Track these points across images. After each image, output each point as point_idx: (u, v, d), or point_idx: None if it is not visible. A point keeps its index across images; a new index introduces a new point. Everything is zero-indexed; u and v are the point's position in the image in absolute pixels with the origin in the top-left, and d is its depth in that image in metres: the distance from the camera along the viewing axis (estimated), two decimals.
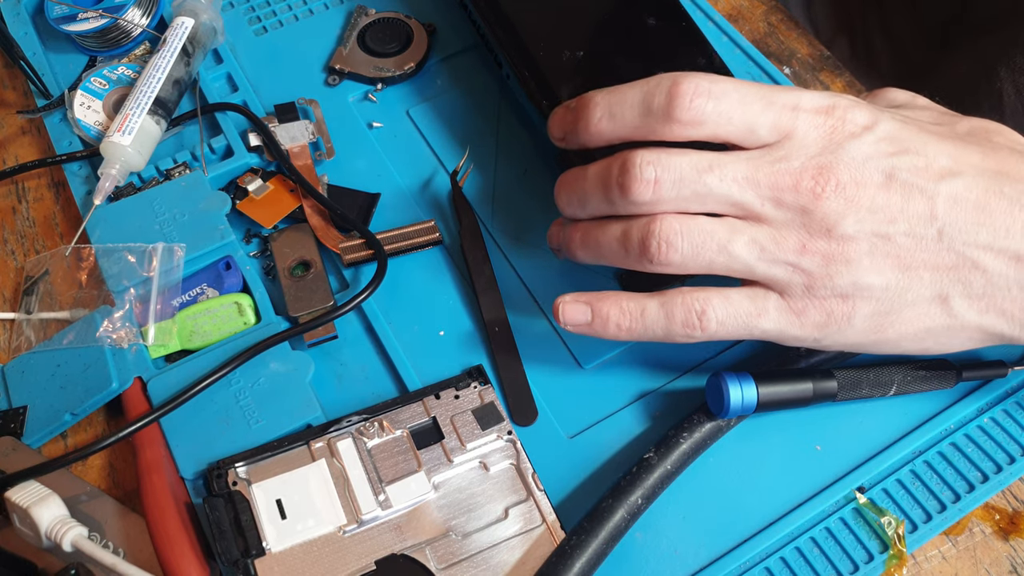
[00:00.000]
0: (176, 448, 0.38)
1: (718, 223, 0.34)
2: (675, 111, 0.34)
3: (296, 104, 0.50)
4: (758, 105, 0.34)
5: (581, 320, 0.37)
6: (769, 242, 0.34)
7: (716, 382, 0.37)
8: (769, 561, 0.36)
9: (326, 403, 0.40)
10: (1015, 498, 0.38)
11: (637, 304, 0.36)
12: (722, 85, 0.34)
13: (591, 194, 0.37)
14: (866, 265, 0.34)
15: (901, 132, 0.35)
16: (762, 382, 0.37)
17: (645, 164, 0.34)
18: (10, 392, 0.41)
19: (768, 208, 0.34)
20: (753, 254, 0.34)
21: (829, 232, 0.33)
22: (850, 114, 0.34)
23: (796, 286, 0.34)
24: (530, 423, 0.40)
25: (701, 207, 0.35)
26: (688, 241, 0.34)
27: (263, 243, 0.46)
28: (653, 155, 0.34)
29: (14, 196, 0.50)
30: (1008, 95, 0.58)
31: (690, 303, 0.35)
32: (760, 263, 0.34)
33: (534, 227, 0.46)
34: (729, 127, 0.34)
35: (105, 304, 0.42)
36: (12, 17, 0.54)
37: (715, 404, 0.37)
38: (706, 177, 0.34)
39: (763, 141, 0.35)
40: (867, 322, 0.34)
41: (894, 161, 0.34)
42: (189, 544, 0.35)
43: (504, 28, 0.46)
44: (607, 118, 0.36)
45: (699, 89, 0.34)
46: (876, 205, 0.33)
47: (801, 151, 0.34)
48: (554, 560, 0.34)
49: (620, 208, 0.36)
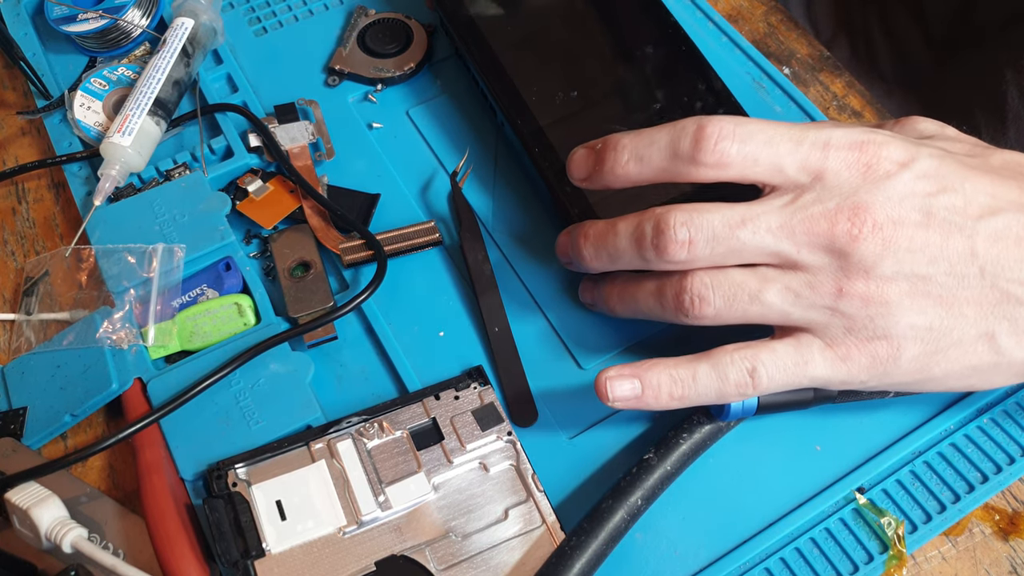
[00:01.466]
0: (176, 449, 0.38)
1: (749, 274, 0.34)
2: (700, 154, 0.34)
3: (296, 105, 0.50)
4: (786, 145, 0.34)
5: (630, 395, 0.36)
6: (804, 288, 0.34)
7: None
8: (769, 561, 0.36)
9: (326, 404, 0.40)
10: (1015, 498, 0.38)
11: (687, 370, 0.35)
12: (748, 127, 0.34)
13: (624, 251, 0.37)
14: (907, 305, 0.33)
15: (939, 169, 0.34)
16: None
17: (679, 225, 0.34)
18: (10, 393, 0.41)
19: (804, 255, 0.34)
20: (788, 301, 0.34)
21: (867, 274, 0.33)
22: (884, 151, 0.34)
23: (836, 329, 0.34)
24: (530, 424, 0.40)
25: (738, 260, 0.35)
26: (720, 294, 0.34)
27: (263, 244, 0.46)
28: (685, 215, 0.34)
29: (14, 197, 0.50)
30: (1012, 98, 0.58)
31: (740, 362, 0.35)
32: (796, 309, 0.34)
33: (534, 227, 0.46)
34: (756, 168, 0.34)
35: (105, 305, 0.42)
36: (12, 18, 0.54)
37: (715, 407, 0.37)
38: (739, 232, 0.34)
39: (793, 181, 0.34)
40: (913, 363, 0.34)
41: (932, 201, 0.33)
42: (189, 545, 0.35)
43: (496, 75, 0.47)
44: (634, 161, 0.36)
45: (723, 132, 0.34)
46: (915, 245, 0.33)
47: (835, 191, 0.34)
48: (554, 561, 0.34)
49: (654, 266, 0.36)
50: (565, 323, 0.43)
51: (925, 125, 0.39)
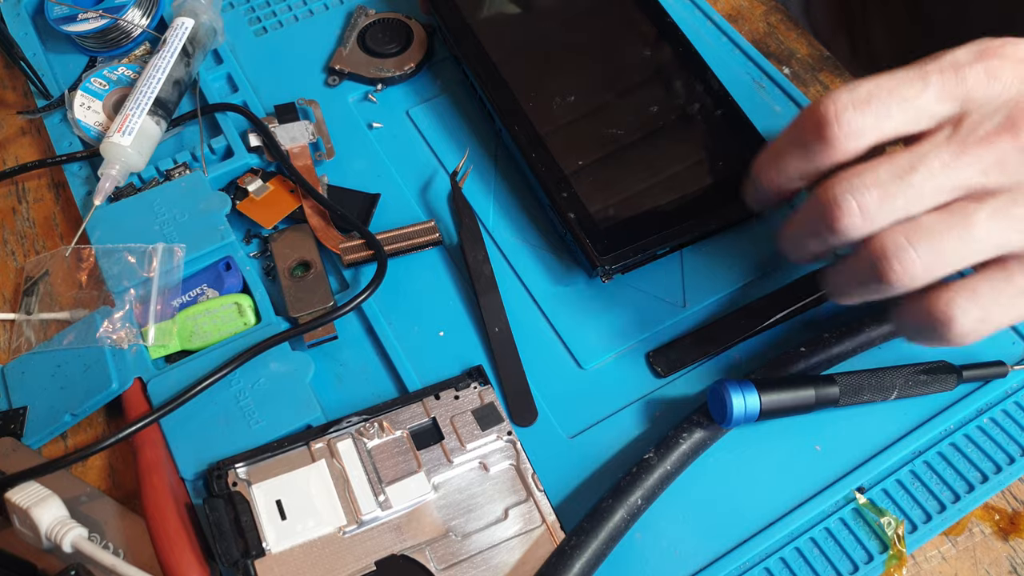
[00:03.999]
0: (176, 449, 0.38)
1: (946, 214, 0.31)
2: (828, 133, 0.32)
3: (296, 104, 0.50)
4: (913, 88, 0.32)
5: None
6: (1013, 206, 0.31)
7: (718, 390, 0.37)
8: (769, 561, 0.36)
9: (326, 403, 0.40)
10: (1015, 498, 0.38)
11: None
12: (863, 88, 0.32)
13: (808, 242, 0.34)
14: None
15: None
16: (764, 390, 0.36)
17: (841, 195, 0.32)
18: (10, 393, 0.41)
19: (994, 176, 0.31)
20: (1002, 228, 0.31)
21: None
22: (1010, 49, 0.32)
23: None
24: (530, 423, 0.40)
25: (922, 207, 0.31)
26: (923, 249, 0.31)
27: (263, 243, 0.46)
28: (844, 183, 0.32)
29: (14, 197, 0.50)
30: None
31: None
32: (1015, 233, 0.31)
33: (534, 227, 0.46)
34: (890, 122, 0.32)
35: (105, 305, 0.42)
36: (12, 17, 0.54)
37: (718, 412, 0.37)
38: (912, 178, 0.31)
39: (941, 116, 0.32)
40: None
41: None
42: (189, 545, 0.35)
43: (494, 81, 0.47)
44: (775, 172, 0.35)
45: (841, 104, 0.32)
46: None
47: (993, 105, 0.31)
48: (554, 560, 0.34)
49: (843, 244, 0.33)
50: (565, 323, 0.43)
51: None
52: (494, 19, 0.49)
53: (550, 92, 0.46)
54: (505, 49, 0.48)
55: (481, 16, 0.49)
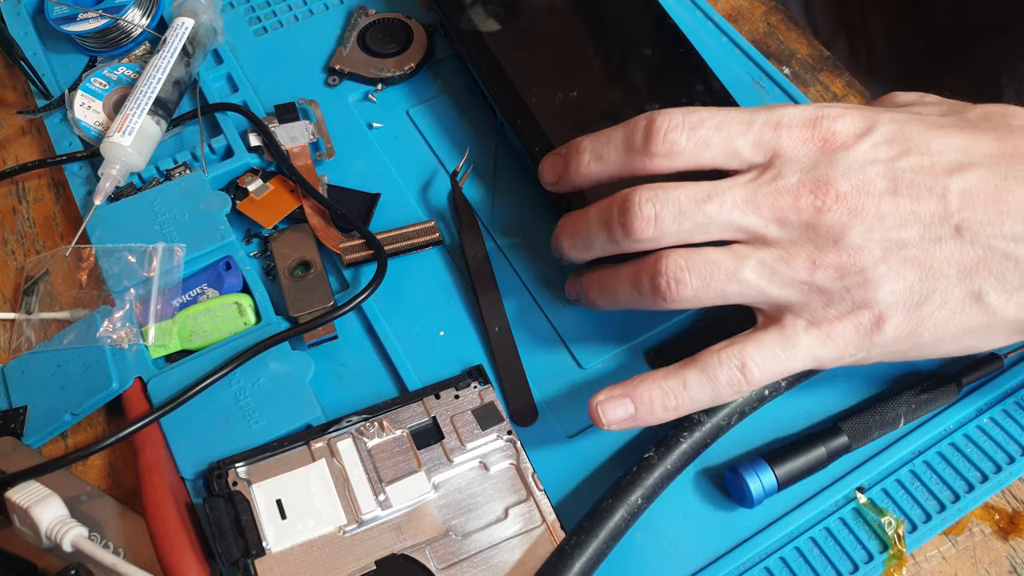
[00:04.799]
0: (176, 448, 0.38)
1: (724, 252, 0.34)
2: (652, 146, 0.35)
3: (296, 104, 0.50)
4: (736, 127, 0.35)
5: (625, 415, 0.35)
6: (778, 263, 0.33)
7: (734, 478, 0.37)
8: (769, 561, 0.36)
9: (326, 403, 0.40)
10: (1015, 498, 0.38)
11: (677, 379, 0.35)
12: (697, 115, 0.35)
13: (595, 235, 0.37)
14: (883, 272, 0.33)
15: (900, 132, 0.34)
16: (776, 463, 0.37)
17: (644, 201, 0.34)
18: (10, 392, 0.41)
19: (772, 229, 0.34)
20: (764, 277, 0.34)
21: (837, 244, 0.33)
22: (839, 124, 0.34)
23: (815, 305, 0.33)
24: (530, 423, 0.40)
25: (705, 237, 0.34)
26: (696, 274, 0.34)
27: (263, 243, 0.46)
28: (651, 192, 0.35)
29: (14, 196, 0.50)
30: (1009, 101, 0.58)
31: (727, 359, 0.34)
32: (772, 286, 0.34)
33: (534, 227, 0.46)
34: (708, 153, 0.35)
35: (105, 304, 0.42)
36: (12, 17, 0.54)
37: (738, 497, 0.37)
38: (705, 207, 0.34)
39: (750, 162, 0.35)
40: (899, 329, 0.33)
41: (896, 164, 0.33)
42: (189, 544, 0.35)
43: (496, 76, 0.47)
44: (594, 160, 0.37)
45: (672, 123, 0.35)
46: (883, 212, 0.33)
47: (794, 166, 0.34)
48: (554, 560, 0.34)
49: (625, 247, 0.36)
50: (565, 323, 0.43)
51: (903, 96, 0.39)
52: (496, 14, 0.49)
53: (552, 87, 0.45)
54: (507, 44, 0.48)
55: (482, 12, 0.49)
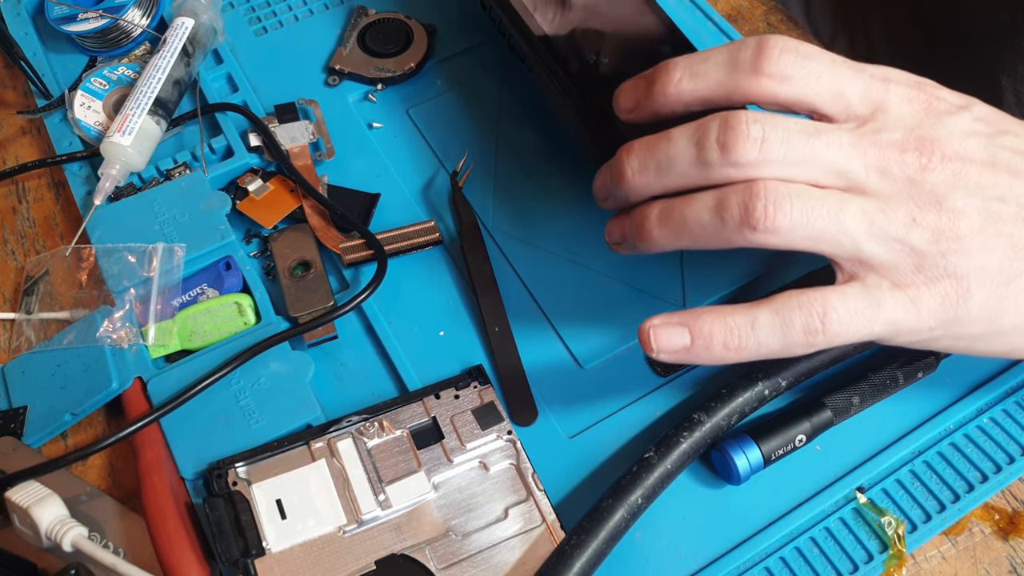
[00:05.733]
0: (176, 448, 0.38)
1: (825, 192, 0.32)
2: (763, 63, 0.33)
3: (296, 104, 0.50)
4: (848, 71, 0.33)
5: (679, 344, 0.33)
6: (878, 213, 0.32)
7: (721, 455, 0.37)
8: (769, 561, 0.36)
9: (326, 403, 0.40)
10: (1015, 498, 0.38)
11: (745, 317, 0.32)
12: (809, 47, 0.33)
13: (679, 157, 0.33)
14: (978, 243, 0.32)
15: (995, 115, 0.34)
16: (761, 439, 0.37)
17: (752, 121, 0.32)
18: (10, 392, 0.41)
19: (874, 178, 0.32)
20: (863, 226, 0.32)
21: (939, 205, 0.32)
22: (941, 92, 0.34)
23: (905, 267, 0.32)
24: (530, 423, 0.40)
25: (806, 174, 0.32)
26: (799, 205, 0.31)
27: (263, 243, 0.46)
28: (757, 114, 0.32)
29: (14, 196, 0.50)
30: (1009, 104, 0.58)
31: (809, 305, 0.32)
32: (869, 238, 0.32)
33: (534, 227, 0.46)
34: (818, 87, 0.33)
35: (105, 304, 0.42)
36: (12, 17, 0.54)
37: (725, 475, 0.37)
38: (814, 141, 0.32)
39: (854, 110, 0.33)
40: (982, 308, 0.32)
41: (995, 140, 0.33)
42: (189, 544, 0.35)
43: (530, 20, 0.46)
44: (688, 77, 0.34)
45: (787, 46, 0.33)
46: (984, 181, 0.32)
47: (899, 123, 0.33)
48: (554, 560, 0.34)
49: (715, 172, 0.33)
50: (565, 323, 0.43)
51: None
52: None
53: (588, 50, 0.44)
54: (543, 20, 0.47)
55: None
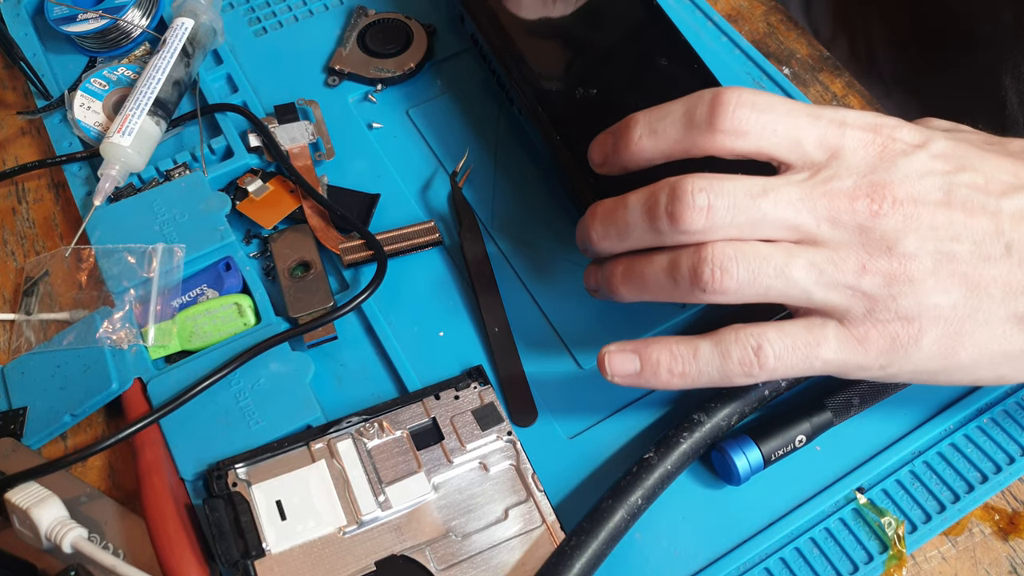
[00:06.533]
0: (176, 449, 0.38)
1: (773, 247, 0.33)
2: (718, 120, 0.33)
3: (296, 105, 0.50)
4: (804, 119, 0.33)
5: (631, 369, 0.35)
6: (827, 264, 0.32)
7: (720, 457, 0.37)
8: (769, 561, 0.36)
9: (326, 404, 0.40)
10: (1014, 498, 0.38)
11: (689, 347, 0.34)
12: (767, 98, 0.34)
13: (634, 224, 0.35)
14: (931, 284, 0.32)
15: (955, 149, 0.34)
16: (761, 440, 0.37)
17: (697, 191, 0.32)
18: (10, 393, 0.41)
19: (824, 229, 0.33)
20: (811, 277, 0.33)
21: (890, 250, 0.32)
22: (899, 132, 0.34)
23: (857, 311, 0.33)
24: (530, 424, 0.40)
25: (754, 234, 0.33)
26: (744, 266, 0.32)
27: (263, 244, 0.46)
28: (704, 181, 0.33)
29: (14, 197, 0.50)
30: (1012, 104, 0.58)
31: (745, 339, 0.33)
32: (818, 287, 0.33)
33: (534, 227, 0.46)
34: (774, 139, 0.33)
35: (105, 305, 0.42)
36: (12, 18, 0.54)
37: (725, 475, 0.37)
38: (760, 202, 0.33)
39: (810, 157, 0.33)
40: (935, 346, 0.33)
41: (952, 178, 0.33)
42: (189, 545, 0.35)
43: (516, 64, 0.46)
44: (648, 134, 0.35)
45: (742, 100, 0.33)
46: (937, 223, 0.32)
47: (852, 169, 0.33)
48: (554, 561, 0.34)
49: (667, 239, 0.34)
50: (565, 323, 0.43)
51: (939, 123, 0.39)
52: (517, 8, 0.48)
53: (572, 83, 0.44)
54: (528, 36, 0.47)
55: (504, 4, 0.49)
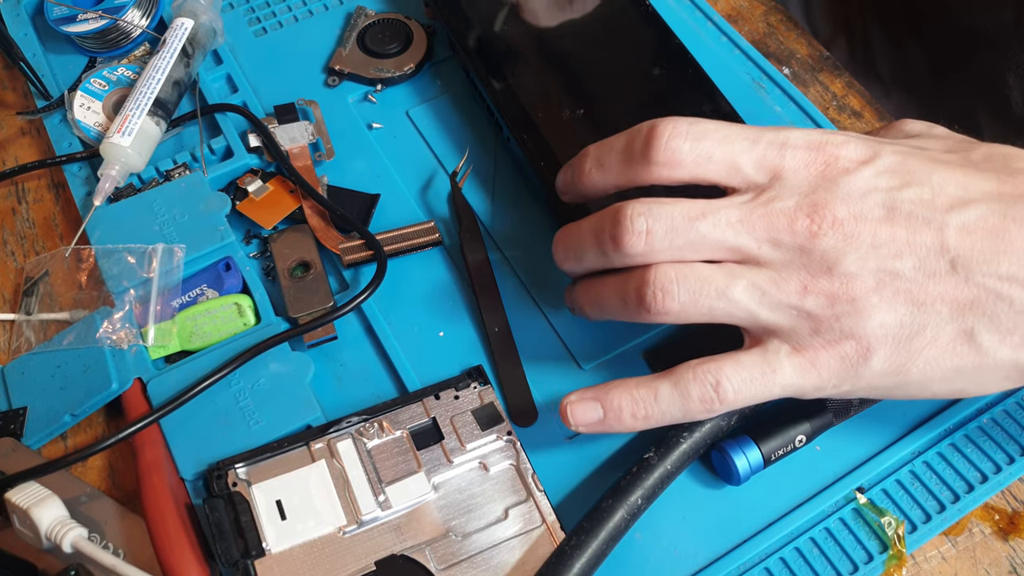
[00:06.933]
0: (176, 449, 0.38)
1: (716, 269, 0.33)
2: (652, 153, 0.34)
3: (296, 105, 0.50)
4: (741, 144, 0.34)
5: (594, 418, 0.35)
6: (769, 285, 0.33)
7: (720, 457, 0.37)
8: (769, 561, 0.36)
9: (326, 404, 0.40)
10: (1014, 498, 0.38)
11: (648, 389, 0.34)
12: (702, 126, 0.34)
13: (586, 248, 0.36)
14: (875, 303, 0.32)
15: (904, 164, 0.33)
16: (761, 440, 0.37)
17: (636, 216, 0.33)
18: (10, 393, 0.41)
19: (765, 250, 0.33)
20: (754, 298, 0.33)
21: (830, 270, 0.32)
22: (843, 150, 0.34)
23: (803, 331, 0.33)
24: (530, 423, 0.40)
25: (697, 255, 0.34)
26: (685, 288, 0.33)
27: (263, 244, 0.46)
28: (644, 206, 0.34)
29: (14, 197, 0.50)
30: (1016, 103, 0.58)
31: (702, 376, 0.33)
32: (762, 308, 0.33)
33: (534, 228, 0.46)
34: (710, 166, 0.34)
35: (105, 305, 0.42)
36: (12, 18, 0.54)
37: (725, 475, 0.37)
38: (699, 224, 0.33)
39: (751, 180, 0.34)
40: (886, 363, 0.32)
41: (896, 195, 0.32)
42: (189, 545, 0.35)
43: (504, 93, 0.46)
44: (596, 168, 0.37)
45: (676, 131, 0.34)
46: (879, 240, 0.32)
47: (793, 189, 0.33)
48: (554, 560, 0.34)
49: (615, 261, 0.35)
50: (565, 323, 0.43)
51: (912, 126, 0.38)
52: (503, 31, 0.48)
53: (559, 104, 0.45)
54: (514, 59, 0.47)
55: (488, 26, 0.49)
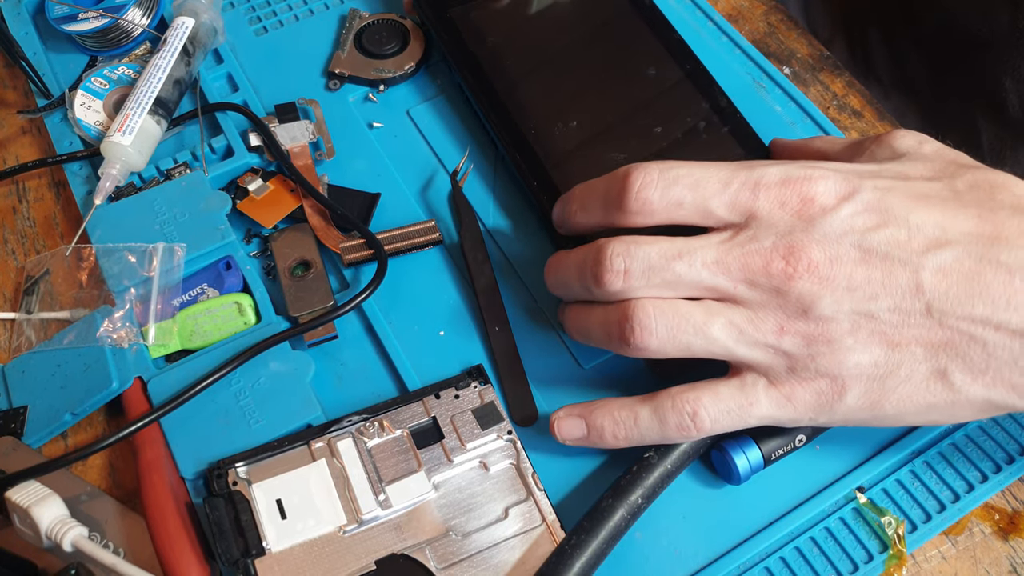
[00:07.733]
0: (176, 448, 0.38)
1: (695, 306, 0.34)
2: (625, 202, 0.35)
3: (296, 104, 0.50)
4: (713, 187, 0.34)
5: (579, 434, 0.37)
6: (746, 324, 0.33)
7: (721, 456, 0.37)
8: (769, 561, 0.36)
9: (326, 403, 0.40)
10: (1015, 498, 0.38)
11: (629, 412, 0.35)
12: (674, 171, 0.35)
13: (571, 281, 0.37)
14: (849, 344, 0.32)
15: (881, 202, 0.33)
16: (762, 440, 0.37)
17: (615, 255, 0.34)
18: (10, 392, 0.41)
19: (742, 290, 0.33)
20: (731, 336, 0.33)
21: (806, 313, 0.32)
22: (820, 186, 0.33)
23: (779, 368, 0.33)
24: (530, 423, 0.40)
25: (675, 293, 0.34)
26: (663, 324, 0.34)
27: (263, 243, 0.46)
28: (623, 245, 0.34)
29: (14, 196, 0.50)
30: (1012, 105, 0.58)
31: (681, 405, 0.34)
32: (739, 346, 0.33)
33: (534, 227, 0.46)
34: (681, 211, 0.35)
35: (105, 304, 0.42)
36: (12, 17, 0.54)
37: (726, 475, 0.37)
38: (675, 265, 0.34)
39: (726, 221, 0.34)
40: (860, 400, 0.33)
41: (872, 235, 0.32)
42: (189, 544, 0.35)
43: (497, 111, 0.46)
44: (580, 210, 0.38)
45: (646, 180, 0.35)
46: (854, 283, 0.32)
47: (770, 229, 0.33)
48: (554, 560, 0.34)
49: (597, 296, 0.36)
50: None
51: (902, 141, 0.37)
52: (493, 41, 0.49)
53: (552, 118, 0.45)
54: (506, 73, 0.47)
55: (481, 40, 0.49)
